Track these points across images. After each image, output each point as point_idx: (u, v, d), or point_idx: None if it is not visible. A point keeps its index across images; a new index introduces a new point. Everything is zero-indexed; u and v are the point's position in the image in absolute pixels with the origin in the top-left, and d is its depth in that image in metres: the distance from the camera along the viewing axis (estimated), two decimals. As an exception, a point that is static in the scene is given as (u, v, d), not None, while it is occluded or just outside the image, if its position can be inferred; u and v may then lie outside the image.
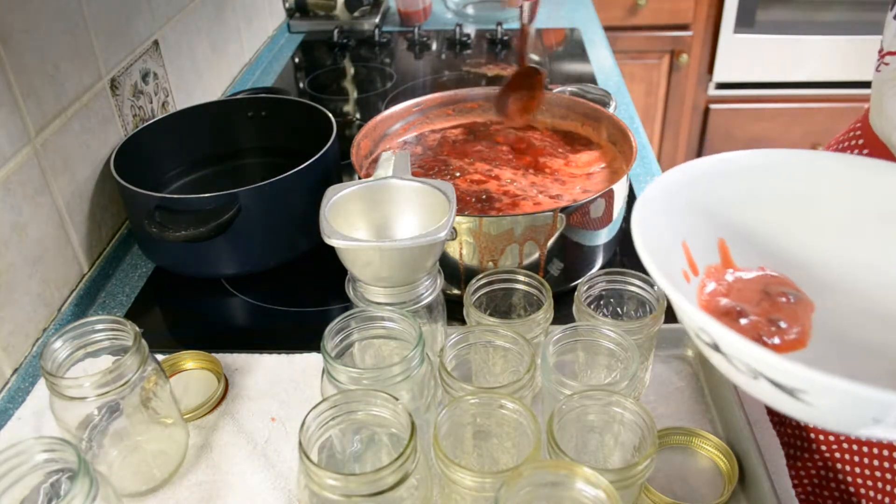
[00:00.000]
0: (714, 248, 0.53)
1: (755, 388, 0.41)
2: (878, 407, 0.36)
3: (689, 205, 0.51)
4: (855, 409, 0.38)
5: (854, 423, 0.39)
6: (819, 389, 0.37)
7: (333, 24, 1.62)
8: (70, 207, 0.84)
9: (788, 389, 0.38)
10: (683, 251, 0.51)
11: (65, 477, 0.47)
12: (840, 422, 0.40)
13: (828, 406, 0.38)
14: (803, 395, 0.38)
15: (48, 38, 0.80)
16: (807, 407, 0.39)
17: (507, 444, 0.55)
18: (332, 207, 0.65)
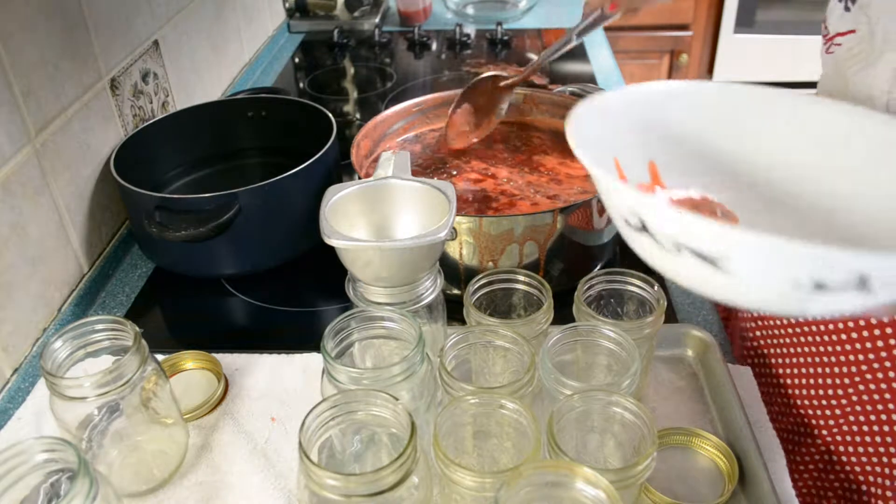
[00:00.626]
0: (644, 169, 0.54)
1: (680, 267, 0.41)
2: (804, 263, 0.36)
3: (620, 126, 0.52)
4: (779, 268, 0.37)
5: (781, 289, 0.38)
6: (743, 249, 0.37)
7: (333, 24, 1.62)
8: (70, 207, 0.84)
9: (711, 258, 0.38)
10: (615, 166, 0.51)
11: (65, 477, 0.47)
12: (766, 290, 0.39)
13: (752, 270, 0.38)
14: (726, 262, 0.38)
15: (48, 37, 0.80)
16: (730, 279, 0.38)
17: (507, 444, 0.55)
18: (332, 207, 0.65)
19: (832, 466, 0.76)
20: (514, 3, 1.74)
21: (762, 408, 0.67)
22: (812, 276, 0.37)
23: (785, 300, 0.39)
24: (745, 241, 0.36)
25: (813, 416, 0.76)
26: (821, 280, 0.37)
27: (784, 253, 0.36)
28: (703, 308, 0.82)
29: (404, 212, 0.69)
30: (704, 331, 0.72)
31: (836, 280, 0.36)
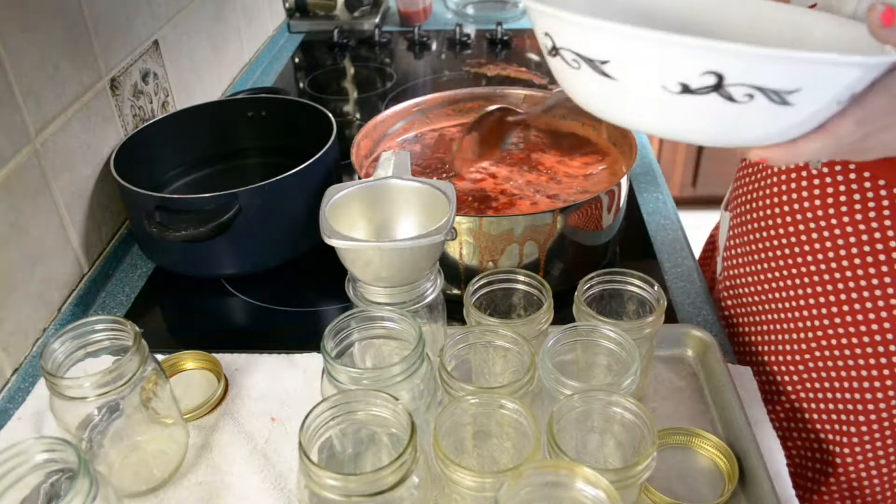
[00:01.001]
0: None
1: (583, 87, 0.47)
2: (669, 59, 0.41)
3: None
4: (651, 65, 0.42)
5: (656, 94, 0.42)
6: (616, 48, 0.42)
7: (333, 24, 1.62)
8: (70, 207, 0.84)
9: (598, 63, 0.43)
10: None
11: (65, 477, 0.47)
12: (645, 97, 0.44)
13: (631, 72, 0.43)
14: (609, 66, 0.43)
15: (48, 38, 0.80)
16: (616, 86, 0.44)
17: (507, 444, 0.55)
18: (332, 207, 0.65)
19: (832, 466, 0.76)
20: (514, 3, 1.74)
21: (762, 408, 0.67)
22: (675, 75, 0.42)
23: (665, 110, 0.44)
24: (624, 36, 0.42)
25: (813, 417, 0.76)
26: (684, 79, 0.42)
27: (653, 47, 0.41)
28: (703, 308, 0.82)
29: (404, 212, 0.69)
30: (704, 331, 0.72)
31: (697, 80, 0.41)
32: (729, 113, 0.43)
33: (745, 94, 0.42)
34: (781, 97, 0.42)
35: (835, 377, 0.73)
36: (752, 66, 0.41)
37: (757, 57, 0.40)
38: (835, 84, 0.43)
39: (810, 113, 0.44)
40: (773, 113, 0.43)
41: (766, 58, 0.40)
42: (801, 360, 0.75)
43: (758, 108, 0.43)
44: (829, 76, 0.42)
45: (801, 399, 0.76)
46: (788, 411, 0.78)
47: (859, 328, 0.69)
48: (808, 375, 0.75)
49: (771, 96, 0.42)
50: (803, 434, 0.78)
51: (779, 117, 0.44)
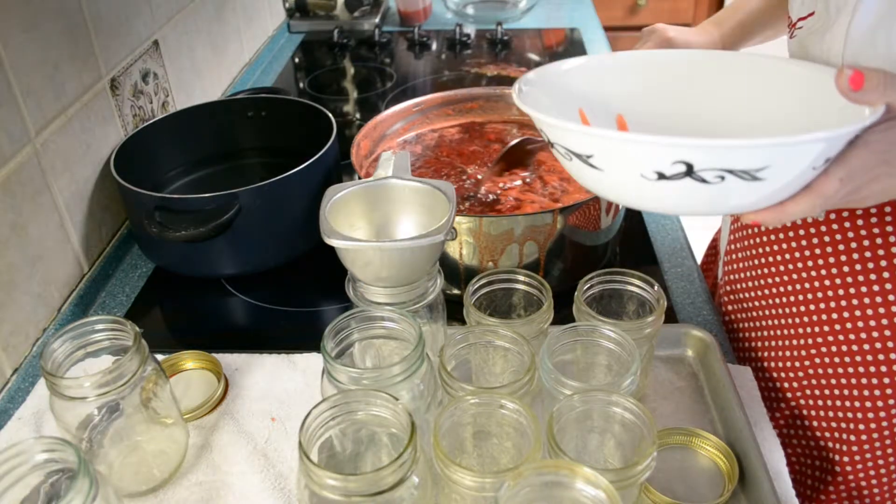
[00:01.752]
0: (612, 123, 0.63)
1: (574, 170, 0.52)
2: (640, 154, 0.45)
3: (582, 89, 0.62)
4: (624, 161, 0.47)
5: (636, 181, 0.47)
6: (595, 146, 0.47)
7: (333, 24, 1.62)
8: (70, 207, 0.84)
9: (585, 157, 0.48)
10: (579, 115, 0.60)
11: (65, 477, 0.47)
12: (626, 182, 0.48)
13: (611, 165, 0.48)
14: (594, 159, 0.48)
15: (48, 38, 0.80)
16: (602, 175, 0.49)
17: (507, 444, 0.55)
18: (332, 207, 0.65)
19: (833, 472, 0.76)
20: (514, 3, 1.74)
21: (762, 408, 0.67)
22: (650, 166, 0.46)
23: (649, 193, 0.48)
24: (598, 137, 0.47)
25: (814, 423, 0.76)
26: (658, 169, 0.45)
27: (623, 145, 0.46)
28: (703, 308, 0.82)
29: (404, 212, 0.69)
30: (704, 331, 0.72)
31: (669, 169, 0.45)
32: (705, 191, 0.46)
33: (715, 176, 0.45)
34: (751, 175, 0.45)
35: (835, 383, 0.73)
36: (717, 155, 0.44)
37: (720, 148, 0.44)
38: (802, 158, 0.45)
39: (785, 183, 0.47)
40: (747, 188, 0.46)
41: (729, 148, 0.44)
42: (802, 364, 0.75)
43: (731, 186, 0.46)
44: (795, 153, 0.45)
45: (802, 404, 0.76)
46: (790, 416, 0.78)
47: (859, 334, 0.69)
48: (809, 381, 0.75)
49: (741, 175, 0.45)
50: (804, 440, 0.78)
51: (754, 191, 0.47)
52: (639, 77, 0.64)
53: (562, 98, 0.60)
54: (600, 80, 0.63)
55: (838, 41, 0.60)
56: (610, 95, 0.63)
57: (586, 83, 0.63)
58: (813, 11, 0.63)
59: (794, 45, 0.67)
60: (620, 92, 0.63)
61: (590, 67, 0.64)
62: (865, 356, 0.69)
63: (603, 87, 0.63)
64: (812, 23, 0.63)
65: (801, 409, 0.77)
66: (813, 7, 0.63)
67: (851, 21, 0.58)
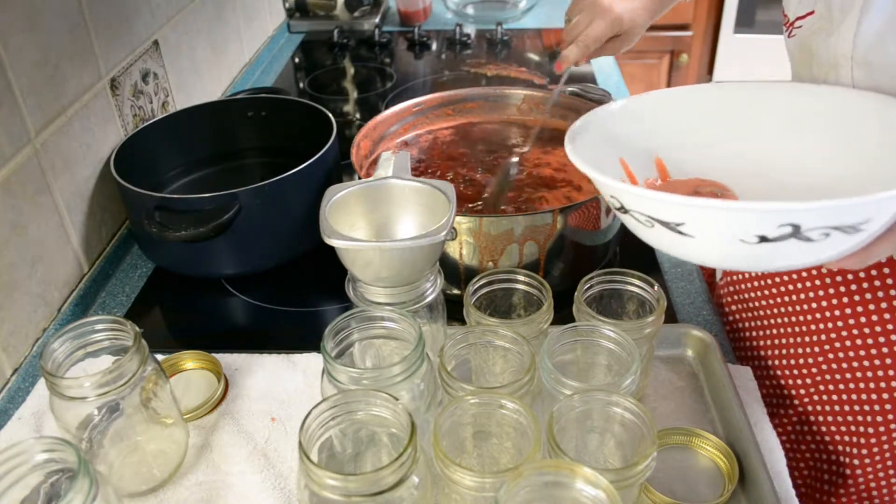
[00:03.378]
0: (652, 165, 0.63)
1: (656, 237, 0.50)
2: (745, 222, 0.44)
3: (622, 133, 0.61)
4: (724, 227, 0.45)
5: (733, 244, 0.45)
6: (691, 215, 0.45)
7: (333, 24, 1.62)
8: (70, 207, 0.84)
9: (673, 226, 0.46)
10: (622, 166, 0.60)
11: (65, 477, 0.47)
12: (722, 246, 0.47)
13: (706, 231, 0.46)
14: (685, 227, 0.46)
15: (48, 38, 0.80)
16: (693, 241, 0.46)
17: (507, 444, 0.55)
18: (332, 207, 0.65)
19: (844, 474, 0.75)
20: (514, 3, 1.74)
21: (762, 408, 0.67)
22: (752, 231, 0.44)
23: (741, 254, 0.46)
24: (693, 207, 0.45)
25: (813, 416, 0.76)
26: (761, 233, 0.44)
27: (723, 214, 0.44)
28: (703, 308, 0.82)
29: (404, 212, 0.69)
30: (704, 331, 0.72)
31: (774, 232, 0.44)
32: (805, 248, 0.45)
33: (821, 234, 0.44)
34: (855, 228, 0.45)
35: (843, 388, 0.72)
36: (829, 215, 0.43)
37: (832, 208, 0.42)
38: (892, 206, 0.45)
39: (876, 230, 0.47)
40: (847, 240, 0.46)
41: (841, 207, 0.43)
42: (809, 368, 0.75)
43: (834, 240, 0.45)
44: (888, 206, 0.44)
45: (811, 410, 0.76)
46: (797, 422, 0.78)
47: (867, 340, 0.69)
48: (816, 386, 0.75)
49: (846, 230, 0.44)
50: (813, 444, 0.77)
51: (850, 241, 0.46)
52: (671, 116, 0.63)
53: (604, 148, 0.59)
54: (633, 123, 0.62)
55: (846, 43, 0.59)
56: (644, 138, 0.62)
57: (621, 128, 0.62)
58: (812, 10, 0.63)
59: (793, 45, 0.67)
60: (652, 133, 0.62)
61: (624, 112, 0.63)
62: (873, 360, 0.69)
63: (636, 131, 0.62)
64: (813, 22, 0.63)
65: (809, 414, 0.76)
66: (812, 6, 0.63)
67: (860, 22, 0.58)
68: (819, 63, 0.63)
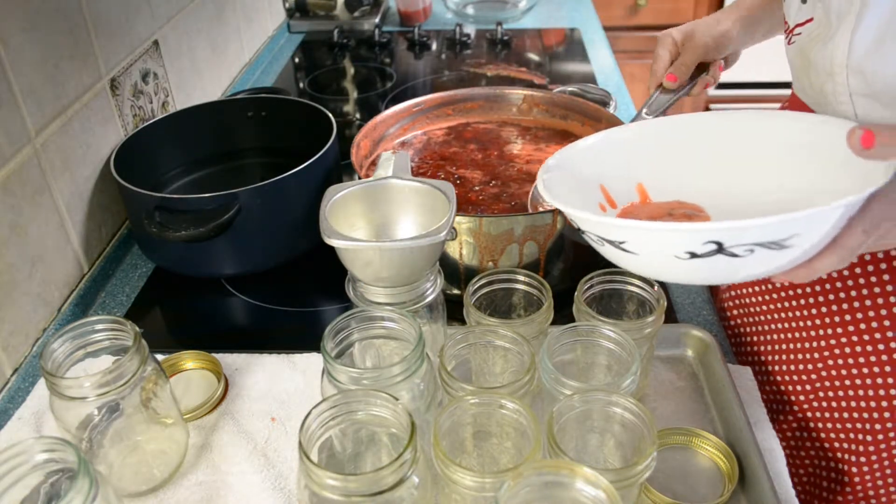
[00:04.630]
0: (633, 191, 0.65)
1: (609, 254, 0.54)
2: (672, 241, 0.48)
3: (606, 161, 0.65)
4: (657, 245, 0.49)
5: (669, 260, 0.49)
6: (628, 235, 0.50)
7: (333, 24, 1.62)
8: (70, 207, 0.84)
9: (618, 244, 0.51)
10: (601, 191, 0.64)
11: (65, 477, 0.47)
12: (660, 262, 0.51)
13: (643, 249, 0.50)
14: (627, 245, 0.50)
15: (48, 38, 0.80)
16: (635, 257, 0.51)
17: (507, 444, 0.55)
18: (332, 207, 0.65)
19: (844, 473, 0.75)
20: (514, 3, 1.74)
21: (762, 408, 0.67)
22: (682, 248, 0.48)
23: (681, 269, 0.50)
24: (627, 227, 0.49)
25: (813, 423, 0.76)
26: (690, 250, 0.47)
27: (651, 233, 0.49)
28: (703, 308, 0.82)
29: (404, 212, 0.69)
30: (704, 331, 0.72)
31: (701, 249, 0.47)
32: (736, 263, 0.48)
33: (745, 250, 0.47)
34: (779, 244, 0.47)
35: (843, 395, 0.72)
36: (744, 234, 0.46)
37: (743, 228, 0.46)
38: (825, 224, 0.47)
39: (811, 246, 0.49)
40: (777, 255, 0.48)
41: (751, 227, 0.46)
42: (808, 373, 0.74)
43: (761, 255, 0.47)
44: (818, 221, 0.47)
45: (810, 417, 0.76)
46: (797, 428, 0.78)
47: (866, 347, 0.69)
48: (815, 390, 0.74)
49: (769, 246, 0.47)
50: (814, 448, 0.77)
51: (783, 256, 0.48)
52: (652, 143, 0.65)
53: (584, 177, 0.63)
54: (617, 152, 0.65)
55: (841, 50, 0.59)
56: (628, 165, 0.65)
57: (603, 157, 0.65)
58: (811, 17, 0.63)
59: (792, 52, 0.67)
60: (637, 161, 0.65)
61: (607, 142, 0.66)
62: (872, 367, 0.69)
63: (620, 159, 0.65)
64: (811, 29, 0.63)
65: (810, 418, 0.76)
66: (811, 13, 0.63)
67: (855, 30, 0.58)
68: (816, 71, 0.63)
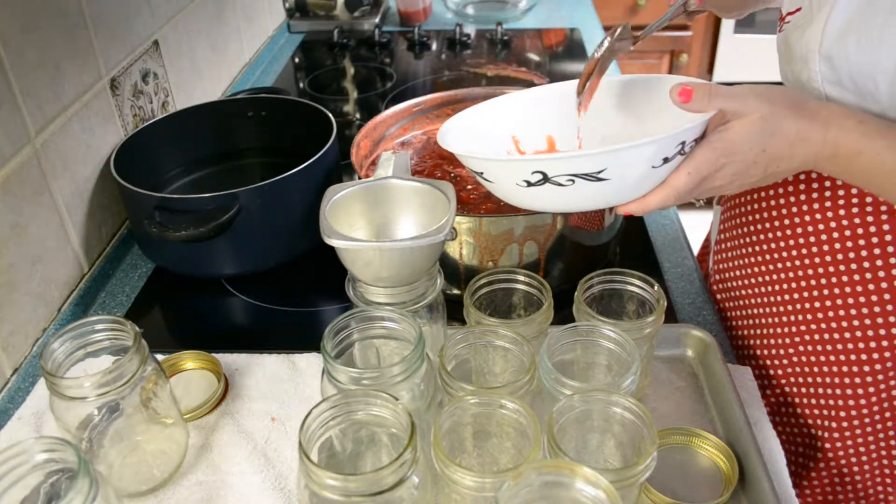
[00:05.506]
0: (543, 142, 0.74)
1: (486, 186, 0.63)
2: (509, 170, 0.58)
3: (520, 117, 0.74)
4: (503, 174, 0.59)
5: (520, 187, 0.58)
6: (486, 166, 0.60)
7: (333, 24, 1.62)
8: (70, 207, 0.84)
9: (479, 174, 0.62)
10: (512, 141, 0.73)
11: (65, 477, 0.47)
12: (513, 189, 0.59)
13: (498, 178, 0.60)
14: (486, 175, 0.61)
15: (48, 38, 0.80)
16: (493, 185, 0.62)
17: (507, 444, 0.55)
18: (332, 207, 0.65)
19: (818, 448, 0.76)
20: (514, 3, 1.74)
21: (762, 408, 0.67)
22: (519, 177, 0.57)
23: (525, 196, 0.59)
24: (481, 160, 0.60)
25: (798, 401, 0.77)
26: (525, 179, 0.57)
27: (494, 163, 0.60)
28: (703, 308, 0.82)
29: (404, 212, 0.69)
30: (704, 331, 0.72)
31: (532, 178, 0.56)
32: (566, 192, 0.57)
33: (567, 180, 0.56)
34: (595, 177, 0.55)
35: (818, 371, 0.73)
36: (561, 164, 0.55)
37: (560, 159, 0.56)
38: (635, 160, 0.55)
39: (633, 181, 0.57)
40: (598, 187, 0.56)
41: (567, 158, 0.55)
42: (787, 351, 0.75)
43: (583, 187, 0.56)
44: (623, 157, 0.55)
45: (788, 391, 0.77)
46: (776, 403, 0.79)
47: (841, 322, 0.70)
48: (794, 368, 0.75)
49: (587, 178, 0.55)
50: (790, 423, 0.78)
51: (607, 188, 0.56)
52: (567, 103, 0.71)
53: (494, 131, 0.72)
54: (534, 108, 0.74)
55: (815, 39, 0.62)
56: (543, 121, 0.73)
57: (517, 113, 0.74)
58: (800, 7, 0.65)
59: (780, 40, 0.69)
60: (551, 118, 0.73)
61: (526, 99, 0.74)
62: (847, 344, 0.70)
63: (536, 115, 0.73)
64: (798, 18, 0.65)
65: (788, 394, 0.77)
66: (800, 2, 0.65)
67: (828, 20, 0.61)
68: (794, 58, 0.65)
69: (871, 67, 0.58)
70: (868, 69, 0.59)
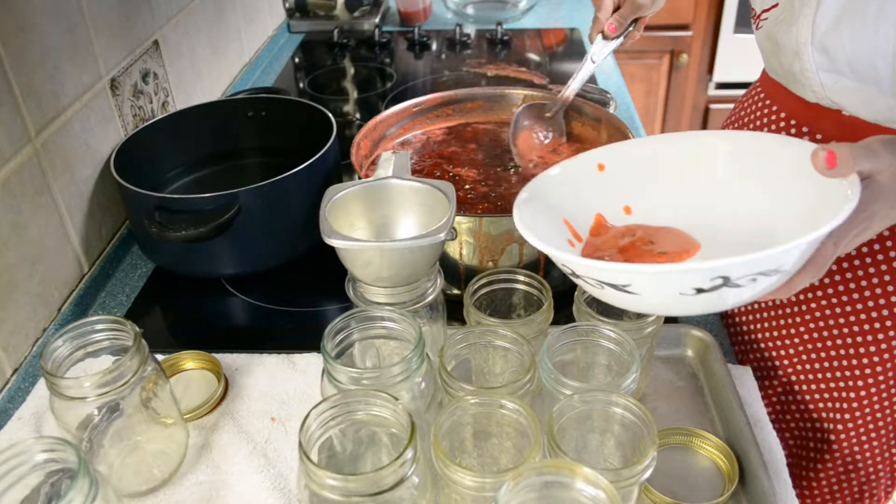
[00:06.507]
0: (591, 221, 0.65)
1: (607, 297, 0.54)
2: (675, 280, 0.49)
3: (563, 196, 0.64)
4: (664, 286, 0.50)
5: (675, 298, 0.50)
6: (634, 279, 0.50)
7: (333, 24, 1.62)
8: (70, 207, 0.84)
9: (621, 287, 0.51)
10: (566, 225, 0.63)
11: (65, 477, 0.47)
12: (665, 300, 0.52)
13: (649, 289, 0.51)
14: (631, 287, 0.50)
15: (48, 38, 0.80)
16: (639, 298, 0.51)
17: (507, 444, 0.55)
18: (332, 207, 0.65)
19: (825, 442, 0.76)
20: (514, 3, 1.74)
21: (762, 408, 0.67)
22: (689, 286, 0.49)
23: (682, 304, 0.51)
24: (634, 272, 0.49)
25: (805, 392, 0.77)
26: (697, 286, 0.49)
27: (660, 275, 0.49)
28: (703, 308, 0.82)
29: (404, 212, 0.69)
30: (704, 331, 0.72)
31: (707, 284, 0.48)
32: (738, 291, 0.50)
33: (749, 280, 0.49)
34: (777, 270, 0.50)
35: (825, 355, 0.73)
36: (753, 266, 0.48)
37: (754, 260, 0.48)
38: (815, 244, 0.50)
39: (798, 266, 0.52)
40: (772, 280, 0.50)
41: (762, 259, 0.48)
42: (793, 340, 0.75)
43: (760, 283, 0.50)
44: (811, 245, 0.50)
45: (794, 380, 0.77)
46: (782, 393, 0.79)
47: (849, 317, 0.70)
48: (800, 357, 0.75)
49: (769, 273, 0.50)
50: (797, 416, 0.78)
51: (776, 280, 0.51)
52: (606, 173, 0.65)
53: (551, 212, 0.63)
54: (573, 183, 0.65)
55: (805, 32, 0.63)
56: (585, 196, 0.65)
57: (563, 190, 0.64)
58: (776, 3, 0.66)
59: (761, 36, 0.70)
60: (592, 191, 0.65)
61: (565, 173, 0.65)
62: (856, 337, 0.70)
63: (575, 190, 0.64)
64: (777, 14, 0.66)
65: (788, 394, 0.77)
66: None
67: (816, 13, 0.62)
68: (784, 52, 0.66)
69: (870, 53, 0.59)
70: (866, 55, 0.59)
